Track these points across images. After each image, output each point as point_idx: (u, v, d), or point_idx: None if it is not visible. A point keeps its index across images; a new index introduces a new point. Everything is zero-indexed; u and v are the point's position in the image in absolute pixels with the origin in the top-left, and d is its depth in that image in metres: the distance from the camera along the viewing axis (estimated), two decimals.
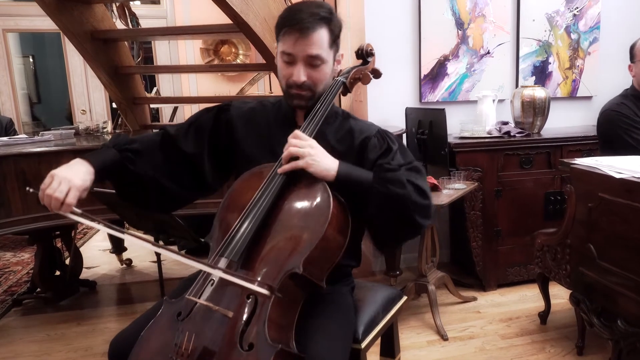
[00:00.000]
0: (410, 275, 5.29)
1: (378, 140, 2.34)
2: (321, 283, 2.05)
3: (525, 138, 4.96)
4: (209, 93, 10.03)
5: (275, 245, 2.05)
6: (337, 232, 2.05)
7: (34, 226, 4.24)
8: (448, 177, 4.48)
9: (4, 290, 5.63)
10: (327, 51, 2.27)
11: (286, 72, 2.30)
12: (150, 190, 2.41)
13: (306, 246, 1.97)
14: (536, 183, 4.98)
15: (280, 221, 2.09)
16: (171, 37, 7.80)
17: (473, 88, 5.60)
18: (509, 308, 4.69)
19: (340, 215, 2.08)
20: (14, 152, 4.17)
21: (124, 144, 2.38)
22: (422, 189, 2.14)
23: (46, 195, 2.08)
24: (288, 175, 2.15)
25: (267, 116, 2.53)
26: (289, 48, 2.24)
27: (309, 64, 2.26)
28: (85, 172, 2.19)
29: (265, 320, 1.86)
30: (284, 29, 2.25)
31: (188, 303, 1.98)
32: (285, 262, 1.98)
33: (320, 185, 2.11)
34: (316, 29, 2.21)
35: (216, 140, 2.51)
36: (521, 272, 5.09)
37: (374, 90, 5.42)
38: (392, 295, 2.81)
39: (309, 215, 2.08)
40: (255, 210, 2.07)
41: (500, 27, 5.57)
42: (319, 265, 2.04)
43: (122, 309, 5.12)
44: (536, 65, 5.72)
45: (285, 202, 2.13)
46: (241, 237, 2.03)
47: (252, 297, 1.92)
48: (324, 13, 2.25)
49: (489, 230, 4.95)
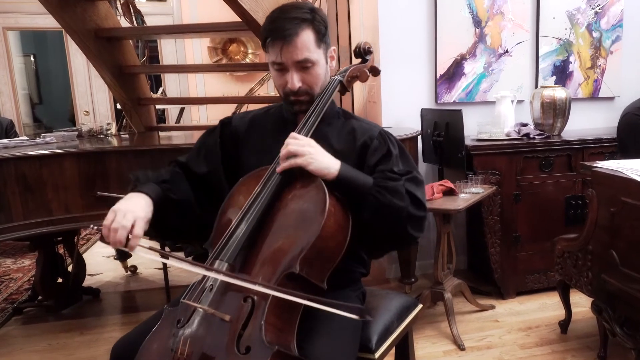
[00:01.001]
0: (426, 283, 5.29)
1: (380, 142, 2.37)
2: (322, 284, 2.07)
3: (545, 140, 4.95)
4: (217, 93, 10.05)
5: (272, 246, 2.08)
6: (335, 231, 2.07)
7: (35, 232, 4.22)
8: (465, 181, 4.48)
9: (4, 298, 5.63)
10: (315, 52, 2.30)
11: (280, 81, 2.34)
12: (189, 218, 2.46)
13: (302, 245, 2.00)
14: (556, 187, 4.97)
15: (276, 222, 2.13)
16: (178, 35, 7.85)
17: (491, 88, 5.59)
18: (529, 317, 4.69)
19: (339, 214, 2.11)
20: (14, 155, 4.15)
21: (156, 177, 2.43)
22: (419, 200, 2.19)
23: (112, 229, 2.04)
24: (285, 176, 2.19)
25: (268, 122, 2.58)
26: (277, 58, 2.27)
27: (300, 68, 2.29)
28: (146, 204, 2.20)
29: (263, 323, 1.88)
30: (267, 40, 2.28)
31: (186, 308, 2.01)
32: (282, 262, 2.01)
33: (317, 183, 2.13)
34: (299, 33, 2.24)
35: (226, 155, 2.56)
36: (541, 279, 5.08)
37: (388, 90, 5.44)
38: (407, 303, 2.81)
39: (305, 213, 2.11)
40: (250, 212, 2.11)
41: (519, 25, 5.57)
42: (317, 266, 2.05)
43: (127, 317, 5.12)
44: (556, 65, 5.72)
45: (281, 202, 2.17)
46: (236, 239, 2.07)
47: (249, 300, 1.95)
48: (304, 15, 2.28)
49: (508, 236, 4.94)
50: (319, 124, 2.35)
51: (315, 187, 2.12)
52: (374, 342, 2.45)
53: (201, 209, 2.46)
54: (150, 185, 2.33)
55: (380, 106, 5.51)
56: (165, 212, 2.35)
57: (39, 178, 4.14)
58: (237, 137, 2.57)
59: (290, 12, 2.27)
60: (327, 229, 2.02)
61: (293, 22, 2.24)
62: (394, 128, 5.23)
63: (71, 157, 4.25)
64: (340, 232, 2.09)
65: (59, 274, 5.42)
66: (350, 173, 2.18)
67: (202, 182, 2.52)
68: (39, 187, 4.18)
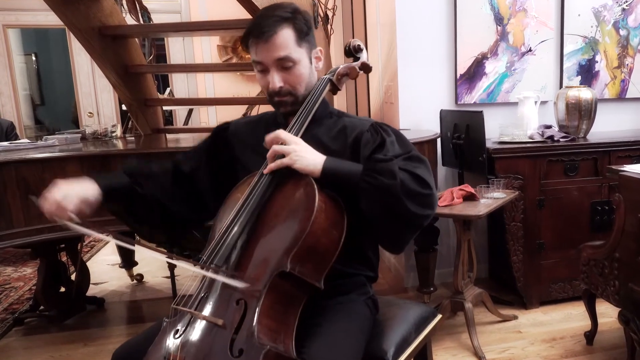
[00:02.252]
0: (445, 292, 5.30)
1: (371, 134, 2.38)
2: (317, 284, 2.10)
3: (570, 143, 4.95)
4: (227, 94, 10.03)
5: (264, 246, 2.13)
6: (327, 227, 2.11)
7: (37, 238, 4.20)
8: (486, 186, 4.48)
9: (5, 308, 5.64)
10: (295, 50, 2.35)
11: (263, 82, 2.40)
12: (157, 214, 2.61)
13: (292, 242, 2.04)
14: (582, 192, 4.96)
15: (268, 223, 2.17)
16: (186, 33, 7.86)
17: (513, 89, 5.60)
18: (553, 327, 4.69)
19: (331, 210, 2.14)
20: (15, 158, 4.14)
21: (136, 169, 2.61)
22: (420, 177, 2.16)
23: (44, 197, 2.24)
24: (275, 177, 2.24)
25: (261, 127, 2.60)
26: (256, 56, 2.34)
27: (281, 68, 2.35)
28: (89, 187, 2.36)
29: (255, 325, 1.93)
30: (249, 40, 2.35)
31: (180, 316, 2.11)
32: (273, 261, 2.05)
33: (307, 180, 2.17)
34: (277, 31, 2.29)
35: (215, 157, 2.68)
36: (566, 288, 5.08)
37: (405, 91, 5.45)
38: (426, 313, 2.81)
39: (295, 211, 2.15)
40: (240, 215, 2.18)
41: (543, 23, 5.57)
42: (311, 264, 2.08)
43: (133, 328, 5.12)
44: (582, 64, 5.72)
45: (273, 203, 2.21)
46: (225, 241, 2.14)
47: (241, 302, 2.01)
48: (284, 14, 2.34)
49: (531, 243, 4.94)
50: (310, 125, 2.41)
51: (304, 185, 2.17)
52: (390, 353, 2.44)
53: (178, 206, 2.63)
54: (117, 174, 2.55)
55: (398, 107, 5.51)
56: (130, 203, 2.56)
57: (40, 182, 4.09)
58: (234, 142, 2.67)
59: (271, 11, 2.34)
60: (317, 224, 2.06)
61: (272, 20, 2.30)
62: (412, 130, 5.24)
63: (74, 160, 4.24)
64: (333, 228, 2.13)
65: (62, 283, 5.41)
66: (337, 165, 2.22)
67: (183, 179, 2.66)
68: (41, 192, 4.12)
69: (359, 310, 2.45)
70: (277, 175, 2.23)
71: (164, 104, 7.16)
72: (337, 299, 2.32)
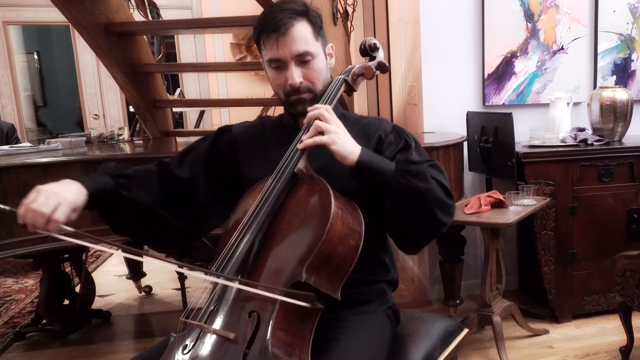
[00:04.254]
0: (472, 305, 5.29)
1: (395, 137, 2.44)
2: (334, 295, 2.09)
3: (604, 147, 4.95)
4: (240, 95, 10.05)
5: (277, 255, 2.13)
6: (344, 235, 2.10)
7: (40, 248, 4.15)
8: (516, 192, 4.49)
9: (5, 322, 5.65)
10: (314, 44, 2.37)
11: (280, 79, 2.39)
12: (147, 220, 2.50)
13: (307, 251, 2.03)
14: (617, 198, 4.97)
15: (281, 231, 2.17)
16: (197, 30, 7.87)
17: (544, 89, 5.60)
18: (586, 342, 4.69)
19: (348, 217, 2.14)
20: (16, 162, 4.13)
21: (117, 170, 2.47)
22: (445, 187, 2.23)
23: (30, 209, 2.09)
24: (289, 183, 2.23)
25: (267, 133, 2.64)
26: (274, 53, 2.33)
27: (299, 62, 2.35)
28: (77, 191, 2.22)
29: (269, 338, 1.92)
30: (262, 36, 2.35)
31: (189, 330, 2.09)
32: (287, 270, 2.05)
33: (322, 186, 2.17)
34: (294, 25, 2.30)
35: (215, 163, 2.63)
36: (600, 300, 5.08)
37: (430, 91, 5.46)
38: (452, 327, 2.81)
39: (310, 218, 2.15)
40: (252, 223, 2.16)
41: (576, 19, 5.58)
42: (326, 274, 2.08)
43: (141, 343, 5.13)
44: (617, 63, 5.73)
45: (286, 211, 2.21)
46: (236, 251, 2.12)
47: (254, 315, 2.00)
48: (297, 7, 2.34)
49: (563, 253, 4.94)
50: None
51: (320, 190, 2.17)
52: None
53: (172, 213, 2.53)
54: (99, 177, 2.39)
55: (422, 109, 5.52)
56: (114, 208, 2.42)
57: None
58: (236, 147, 2.64)
59: (282, 5, 2.34)
60: (333, 232, 2.05)
61: (287, 13, 2.30)
62: (437, 133, 5.27)
63: (79, 165, 4.24)
64: (350, 236, 2.12)
65: (66, 295, 5.40)
66: (372, 159, 2.22)
67: (177, 185, 2.57)
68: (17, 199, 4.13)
69: (379, 322, 2.46)
70: (291, 181, 2.23)
71: (174, 106, 7.20)
72: (356, 309, 2.33)
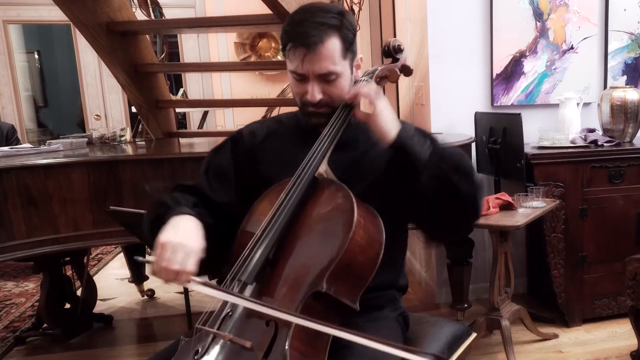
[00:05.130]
0: (481, 309, 5.28)
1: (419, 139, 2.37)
2: (353, 305, 2.07)
3: (615, 148, 4.95)
4: (244, 95, 10.02)
5: (296, 263, 2.10)
6: (365, 244, 2.08)
7: (40, 251, 4.19)
8: (525, 194, 4.49)
9: (5, 326, 5.64)
10: (340, 63, 2.30)
11: (299, 89, 2.34)
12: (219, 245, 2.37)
13: (328, 260, 2.01)
14: (628, 200, 4.96)
15: (300, 238, 2.14)
16: (201, 29, 7.85)
17: (554, 89, 5.60)
18: (596, 347, 4.69)
19: (369, 225, 2.12)
20: (16, 164, 4.15)
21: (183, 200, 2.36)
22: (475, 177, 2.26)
23: (163, 269, 2.00)
24: (309, 187, 2.20)
25: (284, 134, 2.59)
26: (297, 68, 2.27)
27: (322, 80, 2.29)
28: (197, 231, 2.15)
29: (287, 349, 1.90)
30: (288, 45, 2.28)
31: (203, 336, 2.04)
32: (307, 280, 2.03)
33: (343, 192, 2.15)
34: (324, 41, 2.23)
35: (240, 173, 2.55)
36: (610, 304, 5.08)
37: (438, 91, 5.46)
38: (459, 331, 2.80)
39: (331, 225, 2.14)
40: (271, 227, 2.12)
41: (586, 18, 5.57)
42: (346, 284, 2.06)
43: (143, 347, 5.13)
44: (628, 63, 5.72)
45: (305, 216, 2.18)
46: (254, 257, 2.08)
47: (271, 324, 1.97)
48: (331, 20, 2.26)
49: (573, 256, 4.94)
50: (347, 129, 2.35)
51: (342, 197, 2.14)
52: None
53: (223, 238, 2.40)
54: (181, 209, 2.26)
55: (429, 109, 5.52)
56: None
57: (43, 191, 4.12)
58: (252, 152, 2.57)
59: (316, 15, 2.27)
60: (355, 241, 2.03)
61: (320, 27, 2.23)
62: (444, 134, 5.25)
63: (80, 167, 4.25)
64: (371, 245, 2.10)
65: (67, 299, 5.39)
66: (410, 134, 2.20)
67: (221, 210, 2.47)
68: (44, 201, 4.16)
69: (391, 327, 2.45)
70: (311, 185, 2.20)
71: (177, 106, 7.20)
72: (369, 315, 2.30)
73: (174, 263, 1.98)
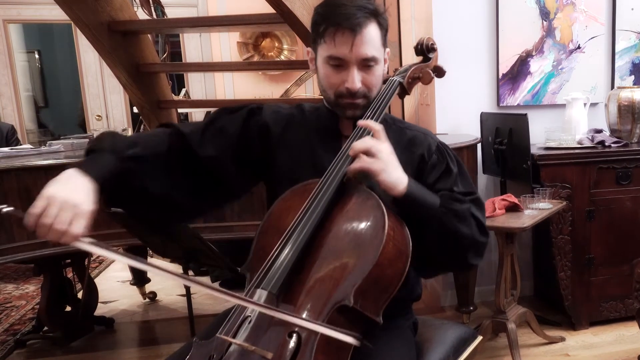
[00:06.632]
0: (486, 312, 5.30)
1: (438, 158, 2.37)
2: (377, 318, 2.04)
3: (622, 149, 4.95)
4: (248, 95, 10.05)
5: (322, 274, 2.03)
6: (394, 258, 2.03)
7: (41, 253, 4.17)
8: (531, 195, 4.49)
9: (5, 329, 5.65)
10: (379, 50, 2.26)
11: (335, 79, 2.25)
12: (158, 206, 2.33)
13: (357, 274, 1.96)
14: (635, 202, 4.96)
15: (326, 246, 2.07)
16: (203, 29, 7.86)
17: (560, 89, 5.61)
18: (604, 350, 4.69)
19: (399, 238, 2.06)
20: (16, 165, 4.14)
21: (125, 149, 2.21)
22: (483, 225, 2.24)
23: (42, 225, 1.88)
24: (336, 192, 2.12)
25: (307, 124, 2.50)
26: (339, 51, 2.19)
27: (362, 66, 2.23)
28: (89, 190, 2.01)
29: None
30: (328, 29, 2.19)
31: (220, 344, 1.96)
32: (333, 293, 1.97)
33: (373, 201, 2.09)
34: (368, 26, 2.18)
35: (245, 147, 2.44)
36: (618, 307, 5.08)
37: (443, 92, 5.46)
38: (465, 334, 2.81)
39: (360, 237, 2.07)
40: (297, 234, 2.05)
41: (593, 18, 5.57)
42: (373, 297, 2.02)
43: (145, 351, 5.14)
44: (635, 63, 5.72)
45: (332, 223, 2.11)
46: (281, 265, 2.00)
47: (294, 335, 1.91)
48: (370, 5, 2.22)
49: (580, 258, 4.94)
50: None
51: (372, 206, 2.08)
52: None
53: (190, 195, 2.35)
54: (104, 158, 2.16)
55: (435, 110, 5.52)
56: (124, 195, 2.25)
57: None
58: (268, 133, 2.46)
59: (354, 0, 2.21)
60: (385, 255, 1.98)
61: (362, 11, 2.17)
62: (450, 135, 5.27)
63: None
64: (399, 258, 2.05)
65: (68, 302, 5.36)
66: (418, 191, 2.15)
67: (200, 165, 2.35)
68: None
69: (405, 335, 2.47)
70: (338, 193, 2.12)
71: (179, 106, 7.19)
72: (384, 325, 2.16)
73: (58, 223, 1.87)
